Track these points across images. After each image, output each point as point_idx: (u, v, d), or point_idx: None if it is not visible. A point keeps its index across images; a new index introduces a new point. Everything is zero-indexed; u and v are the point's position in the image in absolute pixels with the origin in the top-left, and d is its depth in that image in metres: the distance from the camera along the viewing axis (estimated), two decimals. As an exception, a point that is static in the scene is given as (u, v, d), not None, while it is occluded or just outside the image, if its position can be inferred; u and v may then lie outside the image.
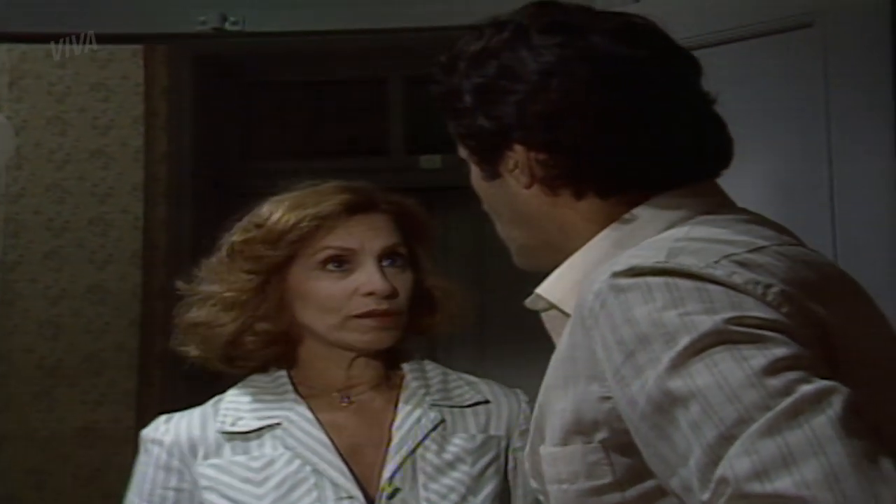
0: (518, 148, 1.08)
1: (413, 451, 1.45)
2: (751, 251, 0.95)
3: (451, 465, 1.45)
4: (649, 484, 0.92)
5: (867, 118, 2.28)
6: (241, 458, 1.45)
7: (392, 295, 1.47)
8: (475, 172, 1.16)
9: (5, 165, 3.78)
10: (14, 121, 3.75)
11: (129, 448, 4.31)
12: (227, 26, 2.87)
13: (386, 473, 1.43)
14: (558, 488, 0.98)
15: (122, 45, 3.79)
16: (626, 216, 1.06)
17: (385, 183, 1.59)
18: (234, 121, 4.53)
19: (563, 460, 0.97)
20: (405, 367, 1.55)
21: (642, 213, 1.05)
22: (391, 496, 1.42)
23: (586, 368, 0.94)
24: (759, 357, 0.81)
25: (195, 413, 1.52)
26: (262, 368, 1.54)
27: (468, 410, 1.52)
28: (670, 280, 0.89)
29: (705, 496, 0.80)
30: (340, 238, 1.48)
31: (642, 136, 1.05)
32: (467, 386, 1.56)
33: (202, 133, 4.24)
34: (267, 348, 1.52)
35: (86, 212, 3.98)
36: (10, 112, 3.86)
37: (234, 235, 1.51)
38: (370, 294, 1.46)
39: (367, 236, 1.49)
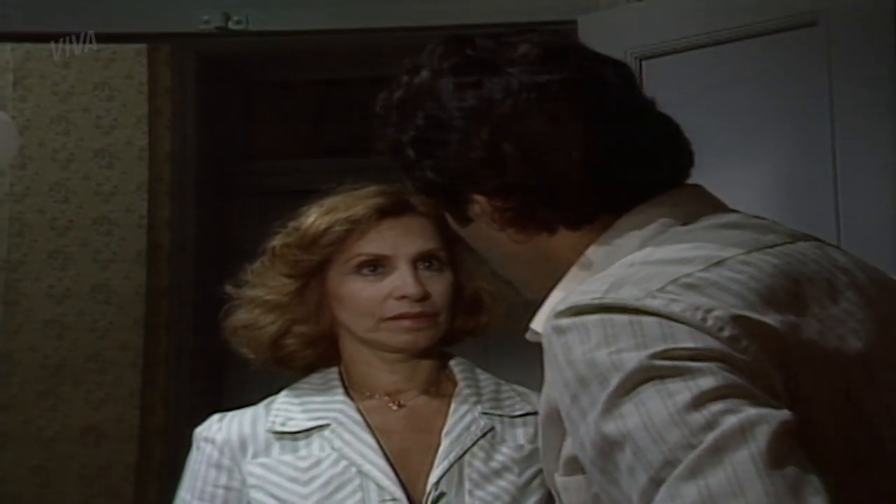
0: (475, 196, 1.04)
1: (461, 457, 1.45)
2: (707, 268, 0.91)
3: (498, 474, 1.45)
4: None
5: (871, 116, 2.27)
6: (288, 458, 1.46)
7: (424, 297, 1.47)
8: (449, 219, 1.13)
9: (9, 165, 3.78)
10: (18, 120, 3.76)
11: (134, 447, 4.31)
12: (231, 25, 2.87)
13: (432, 478, 1.43)
14: None
15: (126, 44, 3.79)
16: (591, 247, 1.02)
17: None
18: (237, 120, 4.54)
19: (572, 489, 0.96)
20: (458, 374, 1.55)
21: (608, 239, 1.02)
22: (436, 501, 1.42)
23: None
24: (684, 392, 0.79)
25: (247, 412, 1.54)
26: (312, 369, 1.56)
27: (518, 420, 1.51)
28: (605, 317, 0.86)
29: None
30: (373, 243, 1.48)
31: (584, 159, 1.00)
32: (518, 396, 1.55)
33: (206, 132, 4.24)
34: (307, 349, 1.53)
35: (90, 211, 3.99)
36: (14, 111, 3.87)
37: (276, 240, 1.53)
38: (403, 297, 1.46)
39: (400, 241, 1.49)
